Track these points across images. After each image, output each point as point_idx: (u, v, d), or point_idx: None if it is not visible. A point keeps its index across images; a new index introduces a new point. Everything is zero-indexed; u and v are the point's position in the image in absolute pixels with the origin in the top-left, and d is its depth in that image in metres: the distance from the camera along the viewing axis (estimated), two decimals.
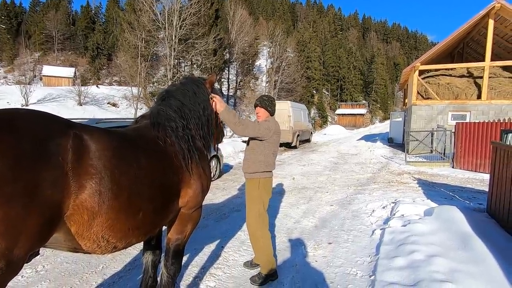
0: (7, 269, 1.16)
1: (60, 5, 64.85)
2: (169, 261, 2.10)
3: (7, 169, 1.14)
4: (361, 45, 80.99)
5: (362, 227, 4.28)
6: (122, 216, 1.54)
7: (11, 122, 1.28)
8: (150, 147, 1.85)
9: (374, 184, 7.13)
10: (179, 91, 2.20)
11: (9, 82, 46.12)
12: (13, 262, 1.18)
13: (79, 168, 1.37)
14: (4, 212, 1.11)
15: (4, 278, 1.18)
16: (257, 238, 2.82)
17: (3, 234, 1.11)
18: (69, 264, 3.09)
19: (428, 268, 2.73)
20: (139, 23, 26.85)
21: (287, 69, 40.25)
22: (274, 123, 2.81)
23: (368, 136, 23.27)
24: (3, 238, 1.12)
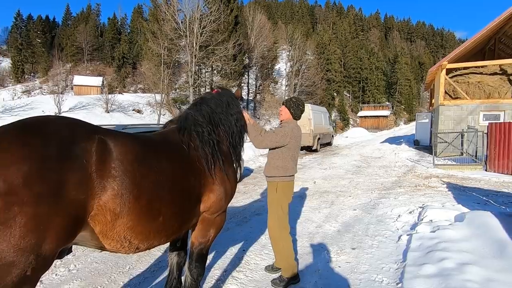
0: (37, 263, 1.25)
1: (89, 18, 68.78)
2: (192, 264, 2.14)
3: (36, 170, 1.23)
4: (383, 45, 78.90)
5: (387, 232, 4.13)
6: (143, 218, 1.59)
7: (41, 127, 1.39)
8: (173, 151, 1.91)
9: (399, 188, 6.87)
10: (213, 100, 2.31)
11: (44, 92, 49.34)
12: (43, 258, 1.26)
13: (102, 171, 1.44)
14: (33, 210, 1.19)
15: (35, 272, 1.26)
16: (277, 241, 2.82)
17: (32, 231, 1.20)
18: (98, 264, 3.23)
19: (460, 276, 2.58)
20: (161, 32, 27.86)
21: (307, 72, 39.99)
22: (292, 128, 2.79)
23: (393, 138, 22.50)
24: (33, 234, 1.20)
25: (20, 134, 1.29)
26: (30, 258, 1.22)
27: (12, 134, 1.28)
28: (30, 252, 1.21)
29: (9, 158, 1.19)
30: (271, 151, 2.88)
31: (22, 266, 1.20)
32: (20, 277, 1.21)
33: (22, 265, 1.20)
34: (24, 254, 1.20)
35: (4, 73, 59.70)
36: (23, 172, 1.20)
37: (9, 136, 1.27)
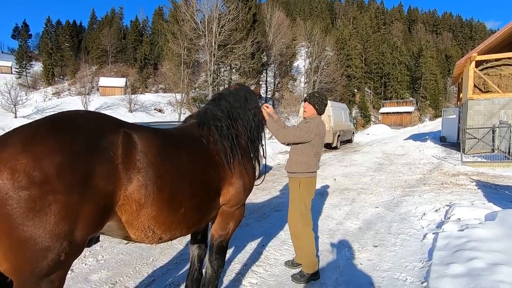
0: (70, 249, 1.32)
1: (113, 22, 71.37)
2: (213, 256, 2.18)
3: (67, 162, 1.30)
4: (406, 38, 75.97)
5: (411, 230, 4.00)
6: (165, 209, 1.64)
7: (70, 121, 1.47)
8: (193, 145, 1.95)
9: (424, 186, 6.61)
10: (231, 95, 2.34)
11: (72, 93, 51.86)
12: (75, 244, 1.34)
13: (128, 163, 1.50)
14: (65, 199, 1.26)
15: (68, 257, 1.34)
16: (299, 237, 2.80)
17: (64, 218, 1.27)
18: (124, 256, 3.37)
19: (491, 277, 2.45)
20: (181, 32, 28.39)
21: (326, 69, 39.29)
22: (317, 124, 2.74)
23: (417, 135, 21.64)
24: (65, 222, 1.27)
25: (52, 128, 1.37)
26: (64, 244, 1.29)
27: (45, 128, 1.36)
28: (64, 238, 1.29)
29: (43, 151, 1.27)
30: (293, 147, 2.86)
31: (57, 251, 1.28)
32: (55, 262, 1.29)
33: (57, 250, 1.28)
34: (59, 240, 1.27)
35: (37, 77, 63.39)
36: (56, 164, 1.27)
37: (42, 130, 1.35)
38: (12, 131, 1.35)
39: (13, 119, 24.99)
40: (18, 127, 1.38)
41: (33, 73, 65.00)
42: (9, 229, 1.19)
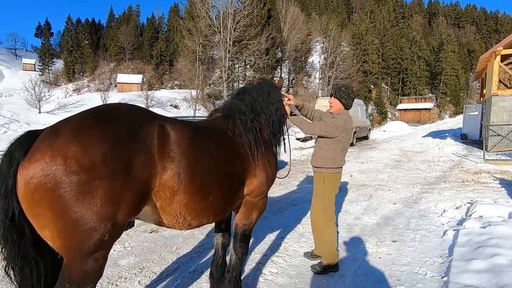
0: (113, 230, 1.45)
1: (130, 19, 72.75)
2: (237, 244, 2.28)
3: (111, 150, 1.42)
4: (426, 32, 73.42)
5: (431, 227, 3.97)
6: (196, 197, 1.75)
7: (112, 113, 1.59)
8: (220, 137, 2.04)
9: (444, 183, 6.48)
10: (255, 90, 2.40)
11: (91, 90, 53.43)
12: (117, 225, 1.47)
13: (163, 153, 1.61)
14: (109, 184, 1.38)
15: (111, 238, 1.47)
16: (321, 230, 2.85)
17: (109, 202, 1.39)
18: (149, 243, 3.54)
19: None
20: (196, 29, 28.60)
21: (342, 64, 38.67)
22: (344, 120, 2.73)
23: (436, 132, 21.01)
24: (110, 205, 1.39)
25: (98, 120, 1.50)
26: (108, 225, 1.42)
27: (91, 119, 1.49)
28: (108, 220, 1.41)
29: (91, 140, 1.39)
30: (319, 142, 2.88)
31: (102, 232, 1.40)
32: (100, 241, 1.42)
33: (102, 230, 1.40)
34: (103, 221, 1.40)
35: (58, 74, 65.73)
36: (102, 152, 1.39)
37: (89, 121, 1.47)
38: (62, 121, 1.48)
39: (37, 114, 26.07)
40: (66, 118, 1.51)
41: (55, 70, 67.43)
42: (62, 210, 1.32)
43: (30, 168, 1.31)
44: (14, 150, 1.36)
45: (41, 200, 1.31)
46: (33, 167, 1.31)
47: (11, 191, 1.33)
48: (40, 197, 1.31)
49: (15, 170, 1.34)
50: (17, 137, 1.42)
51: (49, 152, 1.32)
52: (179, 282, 2.69)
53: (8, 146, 1.39)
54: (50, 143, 1.35)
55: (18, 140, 1.40)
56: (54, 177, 1.30)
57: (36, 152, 1.33)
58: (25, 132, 1.45)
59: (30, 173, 1.31)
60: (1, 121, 22.65)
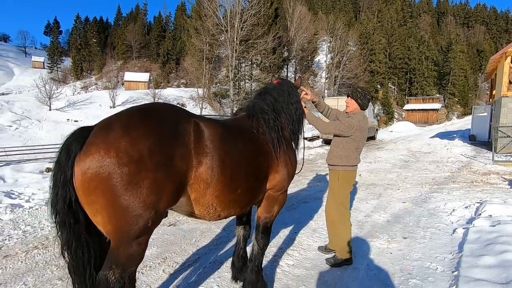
0: (155, 217, 1.61)
1: (137, 18, 73.27)
2: (259, 235, 2.42)
3: (156, 144, 1.57)
4: (435, 32, 72.63)
5: (440, 225, 4.06)
6: (226, 189, 1.89)
7: (155, 111, 1.75)
8: (246, 134, 2.18)
9: (453, 183, 6.54)
10: (276, 90, 2.54)
11: (99, 87, 54.03)
12: (158, 214, 1.62)
13: (198, 148, 1.76)
14: (154, 175, 1.53)
15: (153, 224, 1.63)
16: (335, 225, 2.98)
17: (153, 192, 1.54)
18: (169, 236, 3.70)
19: None
20: (203, 28, 28.77)
21: (348, 64, 38.55)
22: (359, 120, 2.84)
23: (444, 133, 20.91)
24: (153, 194, 1.54)
25: (143, 117, 1.65)
26: (151, 213, 1.57)
27: (137, 116, 1.64)
28: (152, 208, 1.56)
29: (139, 135, 1.54)
30: (335, 140, 3.00)
31: (146, 218, 1.56)
32: (144, 227, 1.57)
33: (146, 217, 1.55)
34: (148, 209, 1.55)
35: (66, 71, 66.63)
36: (148, 146, 1.54)
37: (136, 118, 1.62)
38: (111, 118, 1.63)
39: (47, 111, 26.54)
40: (115, 114, 1.66)
41: (63, 67, 68.38)
42: (114, 198, 1.47)
43: (87, 160, 1.46)
44: (71, 144, 1.52)
45: (95, 189, 1.46)
46: (89, 160, 1.46)
47: (69, 180, 1.49)
48: (94, 186, 1.46)
49: (72, 162, 1.49)
50: (72, 132, 1.58)
51: (103, 146, 1.47)
52: (201, 271, 2.84)
53: (65, 140, 1.55)
54: (103, 138, 1.50)
55: (73, 135, 1.56)
56: (108, 169, 1.45)
57: (92, 146, 1.49)
58: (79, 128, 1.61)
59: (87, 164, 1.46)
60: (13, 117, 23.13)
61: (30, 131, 22.02)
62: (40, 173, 12.71)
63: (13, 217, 4.40)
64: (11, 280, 2.70)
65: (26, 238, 3.70)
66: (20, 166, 14.05)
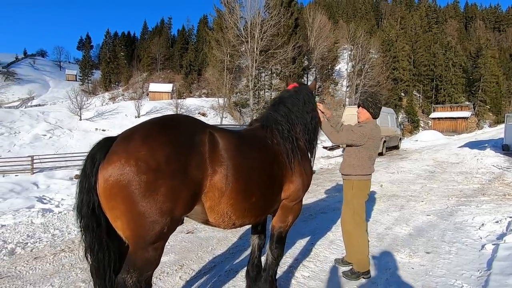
0: (171, 224, 1.67)
1: (162, 31, 76.66)
2: (273, 245, 2.42)
3: (173, 153, 1.64)
4: (462, 37, 69.81)
5: (468, 240, 3.84)
6: (240, 198, 1.92)
7: (172, 122, 1.83)
8: (261, 145, 2.22)
9: (483, 196, 6.18)
10: (290, 100, 2.54)
11: (125, 98, 56.59)
12: (174, 220, 1.68)
13: (213, 157, 1.81)
14: (170, 183, 1.60)
15: (169, 230, 1.69)
16: (351, 236, 2.92)
17: (169, 199, 1.60)
18: (186, 243, 3.78)
19: None
20: (224, 39, 29.49)
21: (370, 72, 37.81)
22: (371, 128, 2.83)
23: (474, 143, 19.83)
24: (170, 201, 1.61)
25: (161, 128, 1.74)
26: (167, 220, 1.63)
27: (156, 127, 1.74)
28: (168, 215, 1.63)
29: (156, 145, 1.63)
30: (347, 150, 2.98)
31: (162, 225, 1.62)
32: (160, 233, 1.64)
33: (162, 223, 1.62)
34: (164, 215, 1.62)
35: (96, 83, 70.62)
36: (165, 155, 1.62)
37: (154, 129, 1.72)
38: (132, 129, 1.74)
39: (78, 121, 28.12)
40: (136, 126, 1.77)
41: (93, 80, 72.59)
42: (132, 204, 1.56)
43: (109, 168, 1.57)
44: (96, 153, 1.63)
45: (116, 195, 1.56)
46: (111, 168, 1.56)
47: (93, 187, 1.60)
48: (115, 193, 1.55)
49: (96, 170, 1.60)
50: (97, 142, 1.70)
51: (124, 155, 1.57)
52: (216, 280, 2.87)
53: (91, 149, 1.67)
54: (124, 148, 1.60)
55: (98, 145, 1.67)
56: (127, 176, 1.54)
57: (114, 155, 1.59)
58: (103, 138, 1.72)
59: (109, 172, 1.56)
60: (47, 127, 24.72)
61: (62, 139, 23.40)
62: (69, 180, 13.43)
63: (44, 221, 4.68)
64: (40, 281, 2.87)
65: (55, 241, 3.92)
66: (52, 173, 14.93)
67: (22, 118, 25.27)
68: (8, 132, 22.39)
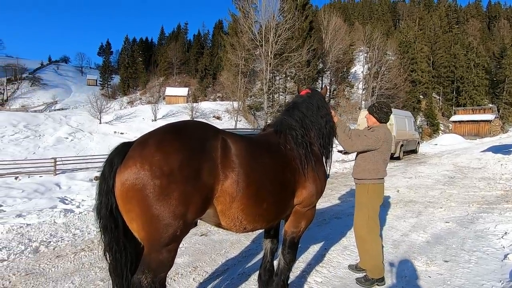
0: (183, 227, 1.72)
1: (178, 37, 78.31)
2: (285, 249, 2.43)
3: (186, 159, 1.69)
4: (485, 37, 67.17)
5: (489, 249, 3.69)
6: (251, 203, 1.95)
7: (185, 128, 1.88)
8: (274, 150, 2.24)
9: (507, 203, 5.90)
10: (304, 104, 2.54)
11: (142, 102, 58.07)
12: (187, 223, 1.73)
13: (225, 163, 1.85)
14: (183, 187, 1.65)
15: (181, 233, 1.74)
16: (365, 241, 2.88)
17: (182, 203, 1.65)
18: (200, 246, 3.84)
19: None
20: (239, 43, 29.77)
21: (387, 74, 37.04)
22: (384, 132, 2.83)
23: (498, 147, 18.95)
24: (182, 205, 1.66)
25: (175, 134, 1.80)
26: (180, 223, 1.68)
27: (170, 133, 1.80)
28: (180, 218, 1.68)
29: (170, 150, 1.69)
30: (361, 154, 2.96)
31: (175, 227, 1.68)
32: (173, 235, 1.69)
33: (175, 226, 1.67)
34: (177, 219, 1.67)
35: (115, 88, 72.98)
36: (179, 160, 1.68)
37: (168, 135, 1.78)
38: (148, 134, 1.81)
39: (98, 124, 29.16)
40: (151, 132, 1.84)
41: (113, 84, 75.08)
42: (147, 207, 1.62)
43: (125, 172, 1.64)
44: (114, 158, 1.71)
45: (132, 198, 1.63)
46: (128, 172, 1.63)
47: (111, 190, 1.68)
48: (131, 196, 1.62)
49: (114, 173, 1.68)
50: (115, 147, 1.78)
51: (139, 160, 1.64)
52: (228, 282, 2.91)
53: (109, 154, 1.75)
54: (140, 153, 1.67)
55: (116, 150, 1.76)
56: (142, 180, 1.61)
57: (130, 159, 1.67)
58: (121, 143, 1.81)
59: (125, 176, 1.63)
60: (69, 130, 25.78)
61: (83, 142, 24.31)
62: (90, 181, 13.92)
63: (66, 221, 4.89)
64: (61, 279, 3.00)
65: (75, 240, 4.09)
66: (73, 174, 15.54)
67: (46, 121, 26.48)
68: (33, 135, 23.50)
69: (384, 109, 2.95)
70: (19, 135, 22.86)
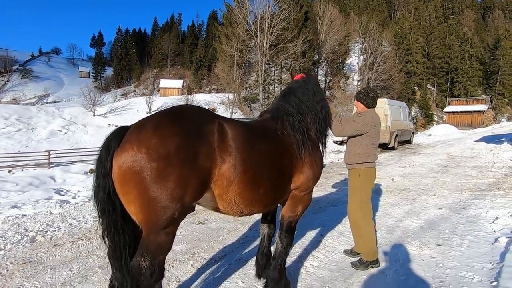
0: (181, 210, 1.73)
1: (172, 28, 77.00)
2: (283, 233, 2.46)
3: (182, 142, 1.69)
4: (480, 28, 67.31)
5: (480, 233, 3.78)
6: (248, 188, 1.97)
7: (183, 113, 1.88)
8: (271, 136, 2.25)
9: (498, 190, 6.03)
10: (300, 90, 2.54)
11: (137, 94, 57.38)
12: (184, 206, 1.74)
13: (222, 147, 1.86)
14: (180, 170, 1.66)
15: (179, 216, 1.75)
16: (359, 226, 2.93)
17: (179, 185, 1.66)
18: (197, 233, 3.87)
19: None
20: (234, 34, 29.43)
21: (382, 65, 37.03)
22: (371, 116, 2.89)
23: (491, 137, 19.22)
24: (180, 188, 1.67)
25: (172, 118, 1.80)
26: (177, 205, 1.69)
27: (167, 117, 1.79)
28: (178, 201, 1.69)
29: (167, 134, 1.69)
30: (351, 139, 3.00)
31: (173, 210, 1.69)
32: (171, 218, 1.70)
33: (173, 209, 1.68)
34: (174, 201, 1.68)
35: (108, 80, 71.88)
36: (175, 143, 1.68)
37: (165, 119, 1.78)
38: (144, 119, 1.80)
39: (91, 117, 28.79)
40: (148, 116, 1.83)
41: (106, 76, 73.91)
42: (144, 190, 1.62)
43: (122, 155, 1.64)
44: (111, 141, 1.71)
45: (129, 181, 1.63)
46: (125, 155, 1.63)
47: (108, 173, 1.67)
48: (128, 179, 1.63)
49: (111, 157, 1.68)
50: (112, 131, 1.77)
51: (136, 143, 1.64)
52: (226, 268, 2.95)
53: (106, 138, 1.75)
54: (136, 137, 1.67)
55: (113, 134, 1.75)
56: (139, 163, 1.61)
57: (127, 143, 1.66)
58: (117, 128, 1.80)
59: (122, 159, 1.63)
60: (63, 123, 25.41)
61: (77, 135, 24.02)
62: (85, 174, 13.83)
63: (62, 211, 4.87)
64: (59, 266, 3.01)
65: (72, 230, 4.09)
66: (67, 167, 15.40)
67: (38, 114, 26.04)
68: (26, 128, 23.14)
69: (371, 94, 3.00)
70: (11, 128, 22.49)
